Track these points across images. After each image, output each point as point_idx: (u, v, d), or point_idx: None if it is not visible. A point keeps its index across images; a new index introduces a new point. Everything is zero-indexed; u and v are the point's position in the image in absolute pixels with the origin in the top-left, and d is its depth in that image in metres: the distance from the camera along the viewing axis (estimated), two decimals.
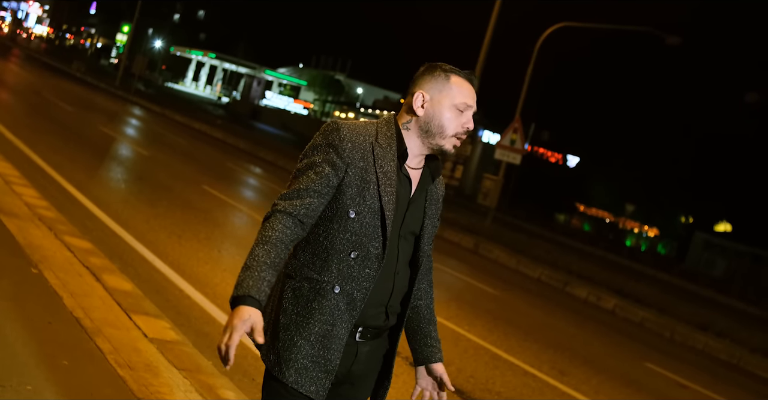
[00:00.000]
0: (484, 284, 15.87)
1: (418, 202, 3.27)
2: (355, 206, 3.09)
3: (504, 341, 10.90)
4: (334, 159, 3.10)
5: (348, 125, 3.19)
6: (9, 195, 9.73)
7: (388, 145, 3.18)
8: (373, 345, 3.27)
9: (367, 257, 3.10)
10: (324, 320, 3.09)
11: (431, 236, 3.36)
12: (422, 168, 3.31)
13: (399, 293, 3.24)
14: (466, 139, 26.61)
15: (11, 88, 31.36)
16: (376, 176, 3.10)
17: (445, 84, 3.23)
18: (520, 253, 21.31)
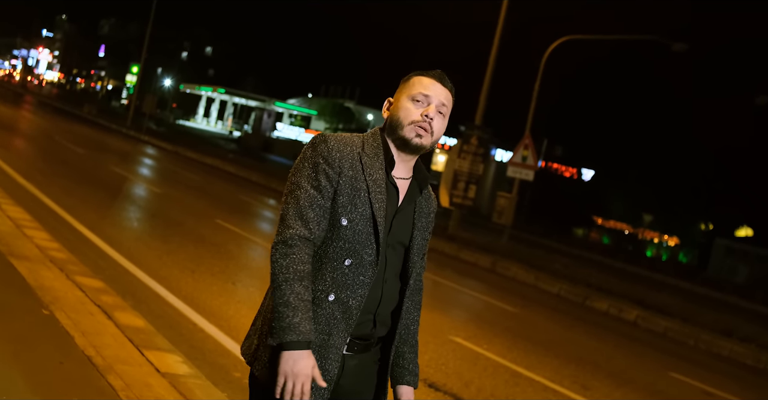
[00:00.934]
0: (503, 302, 15.82)
1: (406, 212, 3.30)
2: (347, 213, 3.12)
3: (524, 357, 10.84)
4: (326, 170, 3.14)
5: (335, 136, 3.23)
6: (20, 239, 9.77)
7: (375, 155, 3.22)
8: (361, 360, 3.26)
9: (361, 264, 3.12)
10: (320, 329, 3.10)
11: (421, 249, 3.36)
12: (410, 179, 3.33)
13: (388, 302, 3.24)
14: (478, 158, 26.73)
15: (24, 134, 31.59)
16: (366, 184, 3.15)
17: (405, 84, 3.32)
18: (537, 269, 21.22)
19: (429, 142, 3.26)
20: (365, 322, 3.19)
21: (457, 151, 26.84)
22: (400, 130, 3.23)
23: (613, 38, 35.93)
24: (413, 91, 3.26)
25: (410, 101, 3.25)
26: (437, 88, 3.27)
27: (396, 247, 3.25)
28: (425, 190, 3.39)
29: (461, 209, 26.61)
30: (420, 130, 3.21)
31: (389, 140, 3.29)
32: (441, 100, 3.26)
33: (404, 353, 3.47)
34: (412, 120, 3.21)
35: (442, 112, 3.28)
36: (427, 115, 3.22)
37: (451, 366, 9.36)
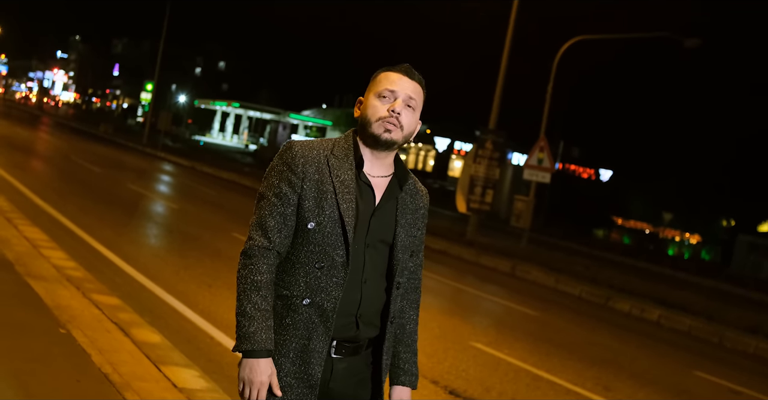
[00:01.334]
0: (524, 305, 15.76)
1: (386, 210, 3.28)
2: (315, 217, 3.14)
3: (545, 361, 10.78)
4: (289, 177, 3.18)
5: (301, 142, 3.26)
6: (37, 259, 9.80)
7: (344, 156, 3.23)
8: (351, 363, 3.25)
9: (333, 266, 3.13)
10: (299, 334, 3.13)
11: (407, 247, 3.34)
12: (390, 176, 3.33)
13: (370, 303, 3.23)
14: (494, 163, 26.67)
15: (41, 155, 31.75)
16: (333, 186, 3.16)
17: (373, 82, 3.32)
18: (558, 271, 21.12)
19: (400, 137, 3.25)
20: (347, 324, 3.19)
21: (472, 157, 26.82)
22: (369, 127, 3.23)
23: (625, 37, 35.81)
24: (380, 87, 3.26)
25: (377, 98, 3.25)
26: (404, 82, 3.26)
27: (378, 246, 3.25)
28: (408, 186, 3.37)
29: (479, 214, 26.56)
30: (388, 125, 3.20)
31: (361, 140, 3.30)
32: (408, 93, 3.25)
33: (399, 353, 3.45)
34: (379, 116, 3.21)
35: (411, 105, 3.26)
36: (394, 110, 3.20)
37: (471, 372, 9.32)
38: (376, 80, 3.30)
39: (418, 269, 3.49)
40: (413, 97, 3.26)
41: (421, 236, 3.44)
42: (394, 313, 3.32)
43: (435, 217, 34.28)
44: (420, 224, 3.41)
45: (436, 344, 10.46)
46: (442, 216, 35.20)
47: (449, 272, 19.05)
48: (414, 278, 3.47)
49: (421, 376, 8.63)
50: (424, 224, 3.47)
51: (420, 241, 3.45)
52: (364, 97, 3.32)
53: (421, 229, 3.43)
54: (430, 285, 16.54)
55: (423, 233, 3.46)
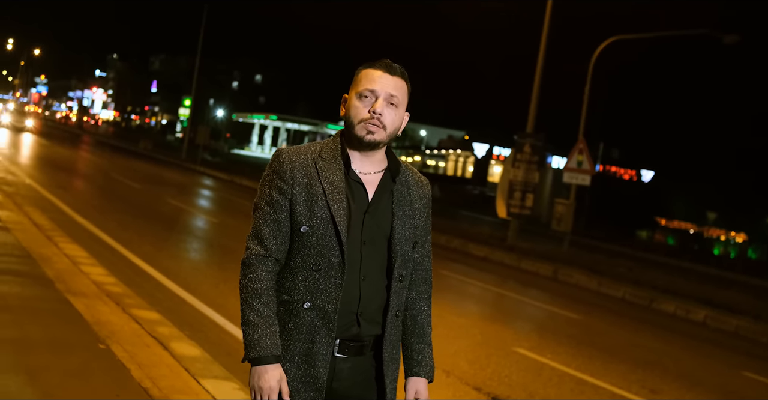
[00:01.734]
0: (566, 309, 15.63)
1: (381, 205, 3.28)
2: (307, 220, 3.16)
3: (589, 364, 10.68)
4: (279, 184, 3.21)
5: (289, 149, 3.28)
6: (77, 275, 9.86)
7: (332, 157, 3.25)
8: (355, 363, 3.25)
9: (330, 267, 3.14)
10: (303, 338, 3.15)
11: (407, 238, 3.32)
12: (383, 171, 3.33)
13: (369, 299, 3.22)
14: (533, 167, 26.50)
15: (82, 173, 32.02)
16: (322, 188, 3.17)
17: (354, 81, 3.30)
18: (600, 274, 20.94)
19: (384, 137, 3.25)
20: (348, 322, 3.19)
21: (511, 161, 26.69)
22: (353, 129, 3.24)
23: (663, 35, 35.47)
24: (360, 87, 3.25)
25: (358, 99, 3.24)
26: (384, 79, 3.24)
27: (376, 242, 3.24)
28: (402, 178, 3.35)
29: (519, 218, 26.42)
30: (370, 126, 3.20)
31: (349, 142, 3.30)
32: (389, 91, 3.23)
33: (412, 344, 3.45)
34: (361, 118, 3.21)
35: (393, 103, 3.25)
36: (375, 111, 3.19)
37: (514, 378, 9.25)
38: (357, 79, 3.28)
39: (426, 260, 3.48)
40: (395, 94, 3.24)
41: (425, 226, 3.43)
42: (398, 306, 3.32)
43: (475, 223, 34.24)
44: (421, 214, 3.40)
45: (478, 351, 10.41)
46: (482, 222, 35.12)
47: (491, 278, 18.97)
48: (421, 269, 3.47)
49: (463, 383, 8.61)
50: (428, 213, 3.45)
51: (425, 231, 3.44)
52: (348, 95, 3.31)
53: (425, 219, 3.42)
54: (472, 291, 16.49)
55: (428, 223, 3.45)
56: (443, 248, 24.48)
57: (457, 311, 13.31)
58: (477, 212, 42.87)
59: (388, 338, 3.28)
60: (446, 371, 9.03)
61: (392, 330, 3.29)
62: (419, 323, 3.46)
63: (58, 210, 17.22)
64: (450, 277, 17.74)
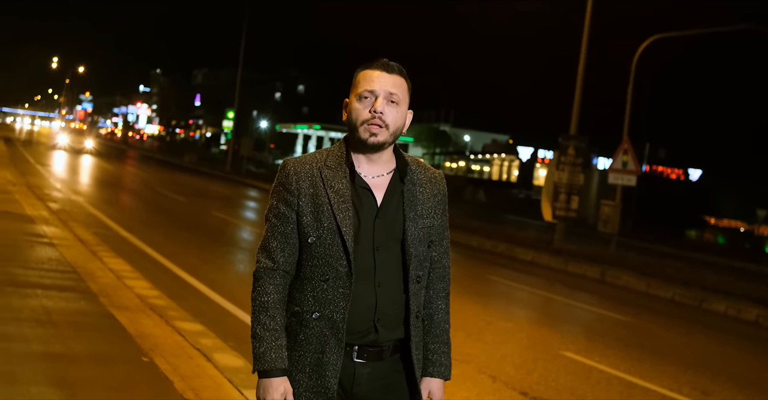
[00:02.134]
0: (614, 311, 15.48)
1: (391, 208, 3.23)
2: (314, 231, 3.14)
3: (638, 367, 10.53)
4: (285, 196, 3.20)
5: (294, 159, 3.27)
6: (121, 289, 9.91)
7: (337, 165, 3.21)
8: (375, 368, 3.21)
9: (338, 277, 3.11)
10: (313, 349, 3.13)
11: (422, 239, 3.27)
12: (392, 172, 3.28)
13: (386, 306, 3.18)
14: (577, 169, 26.32)
15: (127, 188, 32.25)
16: (328, 198, 3.14)
17: (353, 83, 3.26)
18: (649, 275, 20.70)
19: (387, 137, 3.20)
20: (366, 330, 3.16)
21: (555, 164, 26.54)
22: (356, 132, 3.19)
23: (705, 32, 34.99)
24: (359, 89, 3.20)
25: (358, 101, 3.20)
26: (382, 78, 3.19)
27: (389, 246, 3.20)
28: (412, 176, 3.30)
29: (565, 221, 26.24)
30: (373, 127, 3.16)
31: (354, 146, 3.26)
32: (388, 90, 3.18)
33: (428, 344, 3.40)
34: (362, 120, 3.17)
35: (394, 100, 3.20)
36: (376, 111, 3.15)
37: (561, 382, 9.16)
38: (355, 81, 3.24)
39: (443, 258, 3.43)
40: (394, 92, 3.19)
41: (441, 223, 3.38)
42: (417, 308, 3.27)
43: (522, 227, 34.07)
44: (436, 211, 3.35)
45: (525, 355, 10.33)
46: (528, 225, 34.93)
47: (538, 282, 18.85)
48: (439, 266, 3.42)
49: (509, 388, 8.54)
50: (444, 210, 3.40)
51: (441, 228, 3.39)
52: (348, 98, 3.28)
53: (440, 216, 3.37)
54: (519, 296, 16.40)
55: (444, 219, 3.40)
56: (489, 252, 24.41)
57: (505, 316, 13.23)
58: (523, 216, 42.65)
59: (414, 341, 3.25)
60: (492, 376, 8.97)
61: (416, 332, 3.26)
62: (435, 322, 3.41)
63: (104, 225, 17.36)
64: (498, 282, 17.68)
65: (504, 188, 77.70)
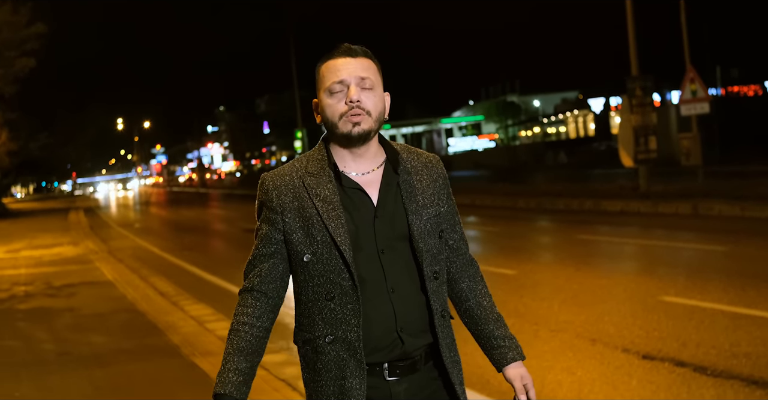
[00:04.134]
0: (711, 243, 14.99)
1: (389, 205, 2.93)
2: (308, 248, 2.87)
3: (742, 296, 10.12)
4: (268, 215, 2.95)
5: (272, 173, 3.00)
6: (203, 335, 9.89)
7: (320, 169, 2.94)
8: (412, 382, 2.92)
9: (343, 292, 2.84)
10: (332, 376, 2.86)
11: (429, 232, 2.97)
12: (383, 164, 2.99)
13: (406, 311, 2.89)
14: (648, 108, 25.72)
15: (208, 230, 32.28)
16: (315, 208, 2.86)
17: (318, 80, 2.98)
18: (742, 199, 20.02)
19: (372, 124, 2.90)
20: (391, 343, 2.87)
21: (627, 108, 26.08)
22: (336, 129, 2.90)
23: None
24: (326, 83, 2.92)
25: (329, 96, 2.90)
26: (348, 65, 2.90)
27: (396, 246, 2.91)
28: (406, 165, 3.01)
29: (647, 163, 25.69)
30: (354, 118, 2.86)
31: (334, 144, 2.98)
32: (358, 75, 2.89)
33: (492, 332, 3.13)
34: (340, 114, 2.88)
35: (367, 86, 2.90)
36: (352, 100, 2.86)
37: (663, 329, 8.85)
38: (319, 76, 2.96)
39: (461, 243, 3.16)
40: (365, 76, 2.89)
41: (448, 209, 3.09)
42: (441, 306, 2.97)
43: (606, 178, 33.47)
44: (440, 197, 3.05)
45: (623, 310, 10.03)
46: (614, 176, 34.21)
47: (630, 231, 18.48)
48: (460, 253, 3.15)
49: (610, 348, 8.27)
50: (448, 193, 3.10)
51: (450, 214, 3.11)
52: (317, 98, 3.00)
53: (445, 201, 3.07)
54: (611, 250, 16.10)
55: (450, 204, 3.11)
56: (577, 212, 24.08)
57: (599, 274, 12.92)
58: (607, 168, 41.89)
59: (443, 343, 2.95)
60: (592, 339, 8.72)
61: (444, 333, 2.96)
62: (488, 308, 3.15)
63: (185, 272, 17.34)
64: (588, 240, 17.33)
65: (584, 144, 76.71)
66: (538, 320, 9.84)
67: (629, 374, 7.37)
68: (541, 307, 10.61)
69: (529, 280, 12.66)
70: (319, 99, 2.95)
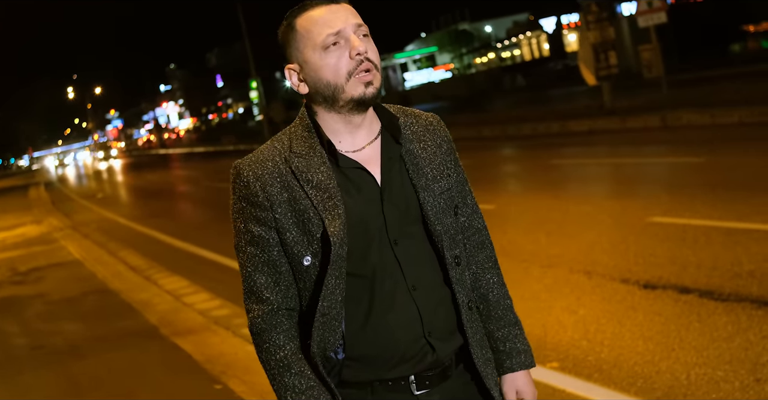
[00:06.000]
0: (687, 155, 14.65)
1: (395, 181, 2.38)
2: (306, 248, 2.31)
3: (731, 209, 9.77)
4: (254, 213, 2.33)
5: (249, 160, 2.37)
6: (181, 311, 9.46)
7: (309, 149, 2.35)
8: (444, 391, 2.42)
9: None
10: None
11: (444, 209, 2.44)
12: (379, 134, 2.43)
13: (432, 311, 2.38)
14: (605, 24, 25.33)
15: (173, 193, 31.65)
16: (308, 198, 2.28)
17: (296, 39, 2.36)
18: (709, 106, 19.68)
19: (380, 79, 2.34)
20: (420, 351, 2.36)
21: (584, 25, 25.68)
22: (343, 93, 2.30)
23: None
24: (317, 38, 2.30)
25: (324, 53, 2.30)
26: (339, 12, 2.31)
27: (411, 232, 2.38)
28: (407, 133, 2.46)
29: (609, 80, 25.31)
30: (365, 76, 2.30)
31: (328, 116, 2.38)
32: (352, 22, 2.31)
33: (492, 333, 2.61)
34: (347, 72, 2.28)
35: (364, 33, 2.33)
36: (360, 52, 2.28)
37: (659, 253, 8.50)
38: (302, 32, 2.34)
39: (474, 218, 2.63)
40: (361, 24, 2.34)
41: (457, 177, 2.55)
42: (467, 297, 2.46)
43: (569, 98, 33.18)
44: (448, 165, 2.52)
45: (613, 236, 9.69)
46: (575, 94, 33.92)
47: (601, 150, 18.20)
48: (472, 231, 2.63)
49: (608, 279, 7.91)
50: (454, 159, 2.57)
51: (459, 183, 2.57)
52: (295, 63, 2.39)
53: (454, 170, 2.54)
54: (587, 172, 15.77)
55: (459, 171, 2.58)
56: (545, 135, 23.75)
57: (580, 200, 12.59)
58: (566, 86, 41.56)
59: (473, 340, 2.46)
60: (587, 271, 8.38)
61: (474, 329, 2.47)
62: (493, 303, 2.61)
63: (155, 241, 16.86)
64: (562, 164, 16.99)
65: (539, 66, 76.37)
66: (526, 256, 9.47)
67: (633, 308, 7.01)
68: (528, 242, 10.24)
69: (509, 213, 12.27)
70: (306, 60, 2.34)
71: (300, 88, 2.38)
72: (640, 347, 6.10)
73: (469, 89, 63.73)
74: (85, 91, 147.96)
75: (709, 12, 48.11)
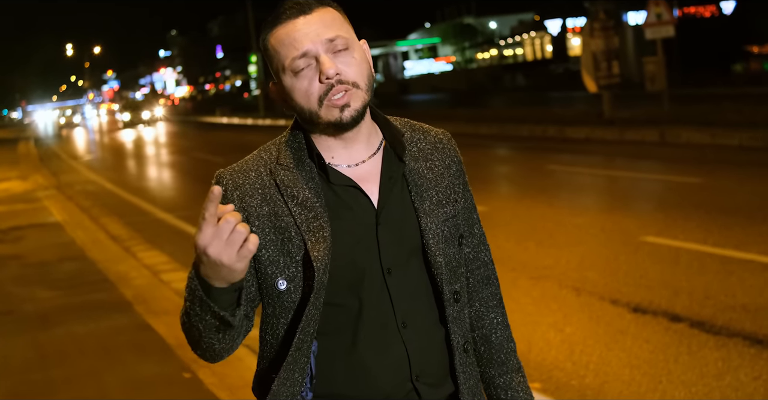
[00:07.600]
0: (683, 174, 14.43)
1: (395, 204, 2.13)
2: (281, 270, 2.05)
3: (727, 235, 9.58)
4: None
5: (231, 169, 2.15)
6: (158, 288, 9.25)
7: (298, 160, 2.11)
8: None
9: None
10: None
11: (449, 239, 2.18)
12: (380, 148, 2.18)
13: (423, 351, 2.12)
14: (610, 32, 25.10)
15: (164, 163, 31.33)
16: (291, 216, 2.04)
17: (269, 58, 2.11)
18: (710, 125, 19.49)
19: (362, 97, 2.06)
20: (403, 397, 2.11)
21: (588, 32, 25.42)
22: (317, 118, 2.05)
23: None
24: (284, 60, 2.05)
25: (294, 77, 2.05)
26: (305, 27, 2.04)
27: (406, 261, 2.12)
28: (413, 149, 2.21)
29: (610, 89, 25.10)
30: (337, 101, 2.03)
31: (318, 130, 2.12)
32: (323, 38, 2.04)
33: (493, 378, 2.34)
34: (318, 97, 2.03)
35: (340, 47, 2.06)
36: (328, 76, 2.02)
37: (650, 275, 8.32)
38: (270, 53, 2.09)
39: (480, 250, 2.35)
40: (334, 36, 2.06)
41: (466, 204, 2.30)
42: (464, 339, 2.20)
43: (568, 102, 33.01)
44: (455, 191, 2.26)
45: (604, 253, 9.50)
46: (574, 99, 33.73)
47: (597, 161, 17.98)
48: (477, 264, 2.35)
49: (597, 298, 7.74)
50: (463, 182, 2.31)
51: (467, 210, 2.31)
52: (274, 80, 2.14)
53: (462, 195, 2.28)
54: (582, 181, 15.57)
55: (467, 197, 2.32)
56: (542, 138, 23.56)
57: (573, 211, 12.38)
58: (566, 90, 41.35)
59: (464, 388, 2.19)
60: (576, 288, 8.18)
61: (467, 374, 2.20)
62: (496, 346, 2.35)
63: (138, 211, 16.65)
64: (557, 171, 16.79)
65: (541, 67, 75.99)
66: (516, 265, 9.26)
67: (622, 332, 6.82)
68: (518, 250, 10.04)
69: (502, 218, 12.05)
70: (279, 82, 2.12)
71: (284, 107, 2.15)
72: (626, 375, 5.92)
73: (469, 84, 63.58)
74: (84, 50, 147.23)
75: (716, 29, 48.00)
